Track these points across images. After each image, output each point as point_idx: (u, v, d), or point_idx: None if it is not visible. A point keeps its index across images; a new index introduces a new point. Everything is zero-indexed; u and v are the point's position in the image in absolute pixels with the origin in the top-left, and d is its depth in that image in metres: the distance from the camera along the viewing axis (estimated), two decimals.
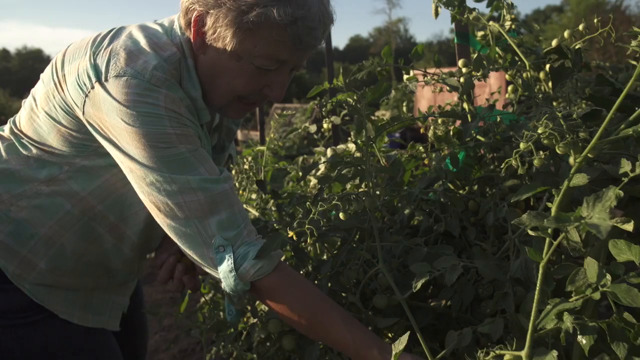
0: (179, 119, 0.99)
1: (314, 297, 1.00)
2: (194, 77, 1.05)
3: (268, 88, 1.05)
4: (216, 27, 0.98)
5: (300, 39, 0.98)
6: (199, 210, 0.98)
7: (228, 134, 1.26)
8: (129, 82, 0.97)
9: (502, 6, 1.33)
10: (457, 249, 1.13)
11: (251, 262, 0.98)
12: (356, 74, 1.37)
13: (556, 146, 0.63)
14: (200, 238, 0.99)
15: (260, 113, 3.66)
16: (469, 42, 1.38)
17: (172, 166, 0.98)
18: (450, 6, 1.21)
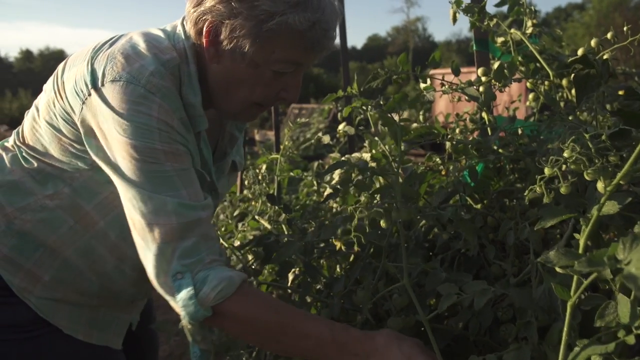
0: (169, 133, 0.97)
1: (281, 312, 0.97)
2: (195, 83, 1.03)
3: (284, 91, 1.06)
4: (232, 36, 0.97)
5: (318, 42, 0.99)
6: (168, 234, 0.95)
7: (230, 141, 1.23)
8: (124, 87, 0.96)
9: (524, 12, 1.27)
10: (474, 267, 1.08)
11: (211, 285, 0.94)
12: (371, 82, 1.33)
13: (584, 172, 0.59)
14: (164, 263, 0.96)
15: (275, 114, 3.62)
16: (489, 49, 1.33)
17: (153, 182, 0.96)
18: (469, 13, 1.16)
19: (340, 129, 1.40)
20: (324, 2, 0.98)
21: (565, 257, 0.47)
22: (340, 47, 2.85)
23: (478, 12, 1.14)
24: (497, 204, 1.19)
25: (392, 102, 1.27)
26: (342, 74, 2.87)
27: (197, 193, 1.00)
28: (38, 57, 72.48)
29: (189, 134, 1.03)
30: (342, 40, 2.81)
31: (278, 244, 1.24)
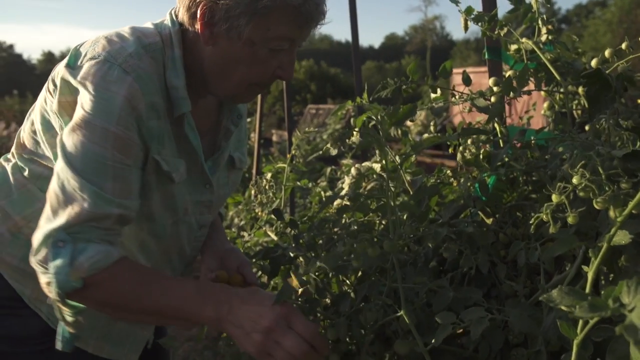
0: (129, 117, 0.97)
1: (144, 274, 1.01)
2: (179, 66, 1.05)
3: (280, 69, 1.06)
4: (228, 16, 0.98)
5: (311, 16, 1.01)
6: (74, 216, 0.95)
7: (225, 134, 1.22)
8: (100, 64, 0.98)
9: (537, 19, 1.23)
10: (485, 285, 1.05)
11: (87, 256, 0.94)
12: (380, 92, 1.30)
13: (594, 201, 0.55)
14: (54, 234, 0.95)
15: (288, 115, 3.59)
16: (501, 58, 1.29)
17: (86, 164, 0.96)
18: (479, 21, 1.13)
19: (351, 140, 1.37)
20: None
21: (568, 296, 0.44)
22: (352, 48, 2.80)
23: (488, 20, 1.10)
24: (510, 218, 1.15)
25: (401, 113, 1.25)
26: (354, 75, 2.81)
27: (124, 191, 0.99)
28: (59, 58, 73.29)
29: (158, 120, 1.03)
30: (354, 41, 2.76)
31: (285, 257, 1.22)
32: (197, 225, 1.22)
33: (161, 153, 1.06)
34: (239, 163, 1.29)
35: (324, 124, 15.16)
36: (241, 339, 0.95)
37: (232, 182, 1.30)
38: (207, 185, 1.18)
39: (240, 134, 1.32)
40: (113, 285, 0.99)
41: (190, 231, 1.21)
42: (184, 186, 1.13)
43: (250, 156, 5.57)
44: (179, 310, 0.99)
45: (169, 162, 1.08)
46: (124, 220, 1.01)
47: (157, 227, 1.14)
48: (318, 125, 15.32)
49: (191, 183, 1.15)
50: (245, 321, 0.95)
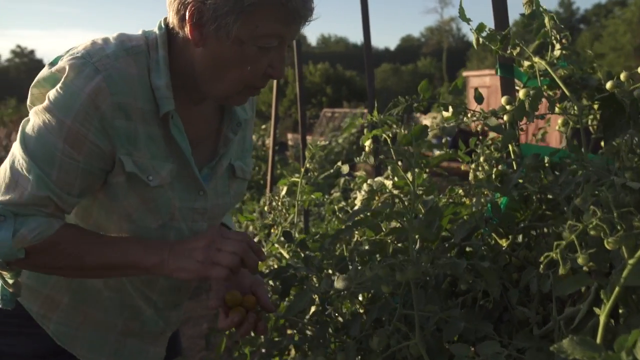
0: (88, 116, 0.99)
1: (86, 235, 1.08)
2: (162, 67, 1.06)
3: (270, 68, 1.06)
4: (216, 15, 0.98)
5: (298, 11, 1.01)
6: (18, 196, 1.00)
7: (224, 142, 1.21)
8: (75, 61, 1.01)
9: (551, 35, 1.21)
10: (497, 309, 1.03)
11: (29, 228, 1.00)
12: (392, 109, 1.29)
13: (605, 241, 0.54)
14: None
15: (302, 116, 3.56)
16: (514, 75, 1.27)
17: (37, 148, 1.00)
18: (491, 40, 1.11)
19: (361, 158, 1.36)
20: None
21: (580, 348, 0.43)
22: (364, 51, 2.76)
23: (501, 40, 1.09)
24: (524, 239, 1.13)
25: (412, 133, 1.24)
26: (367, 79, 2.78)
27: (66, 184, 1.02)
28: None
29: (127, 120, 1.04)
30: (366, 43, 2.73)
31: (296, 278, 1.22)
32: (190, 233, 1.20)
33: (133, 155, 1.06)
34: (240, 172, 1.27)
35: (339, 127, 15.15)
36: (185, 265, 1.04)
37: (235, 192, 1.28)
38: (201, 192, 1.17)
39: (245, 144, 1.31)
40: (55, 250, 1.05)
41: (181, 238, 1.19)
42: (170, 191, 1.12)
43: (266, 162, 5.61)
44: (123, 261, 1.07)
45: (144, 165, 1.07)
46: (61, 211, 1.06)
47: (139, 230, 1.13)
48: (334, 129, 15.32)
49: (182, 188, 1.14)
50: (185, 251, 1.05)
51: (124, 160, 1.04)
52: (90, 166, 1.03)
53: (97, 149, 1.02)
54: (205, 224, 1.21)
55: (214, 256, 1.03)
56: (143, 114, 1.05)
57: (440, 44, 55.03)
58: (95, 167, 1.04)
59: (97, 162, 1.04)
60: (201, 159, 1.18)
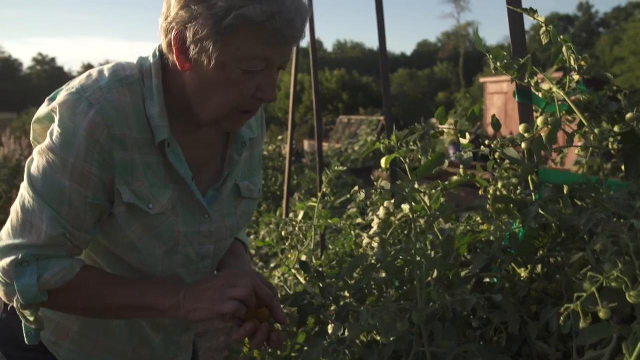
0: (88, 151, 1.01)
1: (106, 278, 1.11)
2: (156, 95, 1.07)
3: (259, 91, 1.04)
4: (196, 39, 0.98)
5: (281, 32, 0.97)
6: (36, 237, 1.02)
7: (229, 163, 1.21)
8: (70, 96, 1.03)
9: (569, 59, 1.20)
10: (516, 342, 1.02)
11: (52, 272, 1.03)
12: (408, 136, 1.29)
13: (627, 294, 0.53)
14: (14, 252, 1.02)
15: (318, 123, 3.55)
16: (532, 100, 1.26)
17: (46, 187, 1.02)
18: (508, 69, 1.11)
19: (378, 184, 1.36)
20: None
21: None
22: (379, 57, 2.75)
23: (518, 69, 1.08)
24: (542, 270, 1.12)
25: (427, 162, 1.23)
26: (382, 86, 2.75)
27: (77, 220, 1.04)
28: None
29: (123, 151, 1.05)
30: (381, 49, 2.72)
31: (312, 306, 1.21)
32: (197, 256, 1.21)
33: (131, 184, 1.07)
34: (247, 192, 1.27)
35: (355, 134, 15.15)
36: (200, 305, 1.06)
37: (243, 212, 1.28)
38: (206, 214, 1.17)
39: (252, 162, 1.30)
40: (76, 292, 1.07)
41: (189, 262, 1.20)
42: (173, 216, 1.13)
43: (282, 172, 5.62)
44: (141, 303, 1.09)
45: (143, 194, 1.08)
46: (77, 249, 1.08)
47: (145, 257, 1.14)
48: (350, 136, 15.32)
49: (186, 212, 1.15)
50: (200, 292, 1.07)
51: (121, 191, 1.06)
52: (98, 199, 1.05)
53: (101, 182, 1.04)
54: (212, 246, 1.22)
55: (228, 292, 1.05)
56: (139, 142, 1.06)
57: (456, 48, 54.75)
58: (102, 199, 1.06)
59: (103, 194, 1.06)
60: (206, 181, 1.19)
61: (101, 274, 1.13)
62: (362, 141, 12.13)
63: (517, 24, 1.18)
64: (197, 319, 1.07)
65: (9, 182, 6.91)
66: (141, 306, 1.09)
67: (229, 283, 1.07)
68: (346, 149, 11.78)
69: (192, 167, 1.14)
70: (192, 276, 1.23)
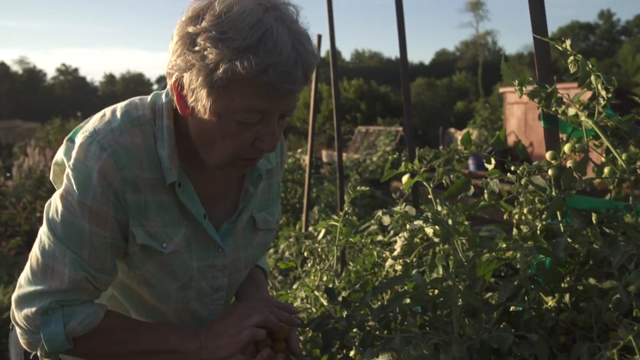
0: (104, 193, 1.02)
1: (129, 324, 1.12)
2: (166, 137, 1.06)
3: (259, 141, 1.01)
4: (192, 88, 0.96)
5: (274, 87, 0.92)
6: (58, 282, 1.02)
7: (244, 196, 1.20)
8: (84, 140, 1.04)
9: (596, 85, 1.19)
10: None
11: (78, 320, 1.04)
12: (432, 161, 1.29)
13: None
14: (38, 300, 1.03)
15: (338, 135, 3.55)
16: (558, 126, 1.25)
17: (66, 231, 1.02)
18: (535, 97, 1.10)
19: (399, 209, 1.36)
20: (283, 42, 0.91)
21: None
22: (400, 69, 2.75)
23: (545, 98, 1.07)
24: (570, 299, 1.11)
25: (453, 188, 1.23)
26: (403, 95, 2.75)
27: (98, 261, 1.05)
28: (120, 80, 77.05)
29: (136, 193, 1.05)
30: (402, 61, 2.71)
31: (337, 331, 1.21)
32: (211, 289, 1.21)
33: (145, 225, 1.07)
34: (263, 224, 1.25)
35: (374, 144, 15.14)
36: (222, 343, 1.08)
37: (259, 243, 1.27)
38: (219, 249, 1.17)
39: (270, 192, 1.29)
40: (101, 338, 1.08)
41: (203, 295, 1.21)
42: (187, 253, 1.13)
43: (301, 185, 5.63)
44: (164, 347, 1.10)
45: (156, 234, 1.08)
46: (99, 291, 1.10)
47: (159, 293, 1.16)
48: (368, 146, 15.31)
49: (199, 248, 1.15)
50: (219, 330, 1.10)
51: (135, 233, 1.07)
52: (116, 239, 1.07)
53: (117, 222, 1.06)
54: (226, 279, 1.22)
55: (245, 323, 1.08)
56: (152, 183, 1.07)
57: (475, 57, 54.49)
58: (120, 239, 1.08)
59: (121, 234, 1.07)
60: (221, 214, 1.19)
61: (124, 319, 1.14)
62: (381, 152, 12.11)
63: (543, 50, 1.18)
64: (221, 357, 1.07)
65: (34, 192, 7.03)
66: (165, 350, 1.10)
67: (244, 315, 1.10)
68: (364, 159, 11.78)
69: (207, 201, 1.14)
70: (206, 308, 1.23)
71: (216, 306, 1.25)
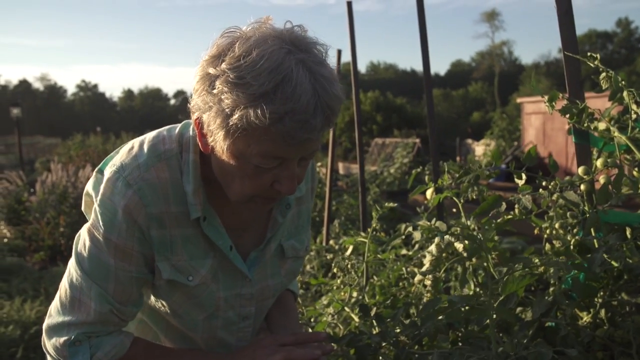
0: (129, 229, 1.03)
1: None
2: (192, 172, 1.06)
3: (277, 183, 0.98)
4: (210, 130, 0.95)
5: (291, 135, 0.88)
6: (84, 315, 1.05)
7: (273, 225, 1.20)
8: (111, 175, 1.04)
9: (629, 100, 1.19)
10: None
11: (104, 351, 1.06)
12: (462, 177, 1.30)
13: None
14: (65, 331, 1.05)
15: (360, 149, 3.56)
16: (589, 141, 1.25)
17: (92, 265, 1.05)
18: (567, 113, 1.11)
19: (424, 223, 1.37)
20: (302, 88, 0.87)
21: None
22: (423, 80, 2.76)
23: (577, 114, 1.08)
24: (606, 314, 1.10)
25: (485, 205, 1.24)
26: (427, 105, 2.75)
27: (124, 294, 1.07)
28: (138, 95, 78.07)
29: (161, 229, 1.05)
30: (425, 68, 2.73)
31: (370, 347, 1.22)
32: (239, 318, 1.21)
33: (171, 259, 1.08)
34: (291, 252, 1.24)
35: (391, 156, 15.14)
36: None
37: (287, 271, 1.26)
38: (246, 278, 1.17)
39: (300, 219, 1.27)
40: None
41: (230, 324, 1.21)
42: (214, 284, 1.14)
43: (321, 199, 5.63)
44: None
45: (183, 267, 1.09)
46: (124, 322, 1.11)
47: (186, 322, 1.17)
48: (385, 158, 15.31)
49: (227, 278, 1.15)
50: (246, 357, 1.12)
51: (161, 268, 1.08)
52: (142, 273, 1.08)
53: (143, 256, 1.07)
54: (254, 308, 1.22)
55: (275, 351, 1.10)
56: (178, 217, 1.07)
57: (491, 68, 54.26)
58: (146, 272, 1.09)
59: (146, 268, 1.09)
60: (250, 243, 1.19)
61: (150, 348, 1.15)
62: (398, 164, 12.09)
63: (574, 66, 1.18)
64: None
65: (57, 208, 7.13)
66: None
67: (271, 344, 1.12)
68: (382, 171, 11.77)
69: (234, 231, 1.13)
70: (233, 336, 1.24)
71: (244, 334, 1.25)
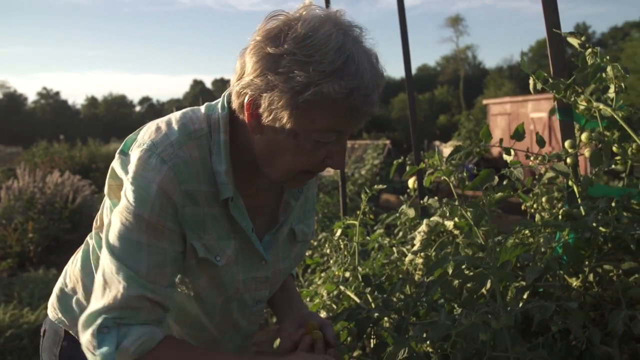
0: (163, 206, 1.01)
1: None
2: (223, 152, 1.07)
3: (329, 159, 1.04)
4: (271, 109, 0.97)
5: (357, 109, 0.96)
6: (113, 301, 1.00)
7: (285, 209, 1.23)
8: (142, 153, 1.03)
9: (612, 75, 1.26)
10: (577, 348, 1.06)
11: (131, 339, 1.00)
12: (454, 154, 1.35)
13: None
14: (97, 317, 1.01)
15: None
16: (573, 117, 1.32)
17: (123, 247, 1.02)
18: (554, 89, 1.17)
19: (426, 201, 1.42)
20: (363, 66, 0.95)
21: None
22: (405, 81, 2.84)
23: (565, 89, 1.14)
24: (594, 278, 1.17)
25: (477, 180, 1.29)
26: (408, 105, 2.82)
27: (158, 276, 1.03)
28: (102, 103, 76.64)
29: (195, 206, 1.05)
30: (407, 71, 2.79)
31: (370, 319, 1.26)
32: (252, 301, 1.23)
33: (202, 238, 1.08)
34: (301, 235, 1.27)
35: (361, 158, 15.27)
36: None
37: (296, 255, 1.29)
38: (263, 261, 1.19)
39: (307, 204, 1.30)
40: None
41: (244, 307, 1.23)
42: (234, 266, 1.15)
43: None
44: None
45: (212, 247, 1.09)
46: (160, 307, 1.06)
47: (206, 305, 1.18)
48: (356, 160, 15.42)
49: (245, 261, 1.17)
50: None
51: (196, 247, 1.07)
52: (175, 252, 1.06)
53: (175, 235, 1.05)
54: (267, 291, 1.24)
55: None
56: (207, 196, 1.07)
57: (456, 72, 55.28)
58: (178, 251, 1.07)
59: (179, 247, 1.07)
60: (262, 226, 1.21)
61: (180, 345, 1.09)
62: (369, 165, 12.20)
63: (558, 47, 1.25)
64: None
65: (25, 214, 6.96)
66: None
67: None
68: (353, 173, 11.85)
69: (250, 214, 1.15)
70: (246, 319, 1.25)
71: (255, 317, 1.27)
